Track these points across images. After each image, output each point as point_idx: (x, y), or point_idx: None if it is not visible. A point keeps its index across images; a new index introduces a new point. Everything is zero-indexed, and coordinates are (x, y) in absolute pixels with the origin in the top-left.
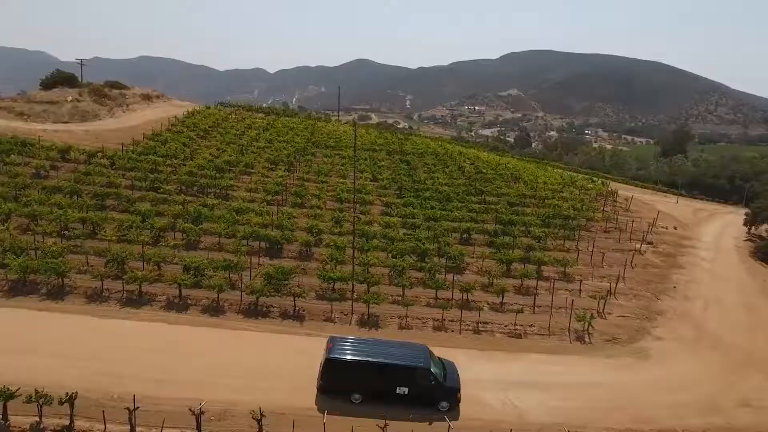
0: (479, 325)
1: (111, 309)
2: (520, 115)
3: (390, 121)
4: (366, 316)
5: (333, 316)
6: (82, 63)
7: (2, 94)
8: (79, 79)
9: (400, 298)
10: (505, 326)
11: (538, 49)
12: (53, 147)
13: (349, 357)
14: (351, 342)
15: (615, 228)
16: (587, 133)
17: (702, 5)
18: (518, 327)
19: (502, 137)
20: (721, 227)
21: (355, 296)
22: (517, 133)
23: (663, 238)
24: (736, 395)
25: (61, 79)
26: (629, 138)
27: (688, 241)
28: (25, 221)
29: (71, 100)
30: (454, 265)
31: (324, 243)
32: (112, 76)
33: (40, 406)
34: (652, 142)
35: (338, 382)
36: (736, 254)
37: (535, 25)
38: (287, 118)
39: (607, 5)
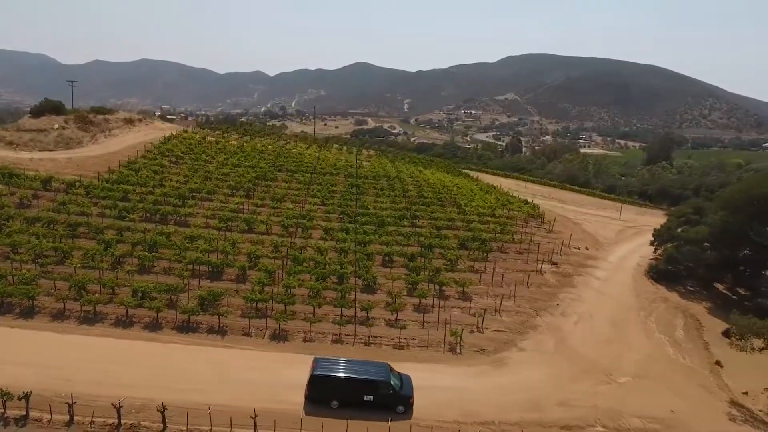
0: (370, 338)
1: (70, 326)
2: (516, 119)
3: (386, 126)
4: (277, 332)
5: (250, 331)
6: (72, 84)
7: (3, 95)
8: (69, 105)
9: (312, 316)
10: (392, 339)
11: (537, 52)
12: (36, 177)
13: (328, 373)
14: (330, 362)
15: (528, 250)
16: (581, 138)
17: (699, 8)
18: (403, 340)
19: (494, 142)
20: (636, 247)
21: (273, 314)
22: (509, 138)
23: (569, 259)
24: (560, 396)
25: (49, 107)
26: (622, 142)
27: (593, 261)
28: (7, 250)
29: (57, 128)
30: (367, 285)
31: (257, 267)
32: (111, 79)
33: (4, 401)
34: (644, 146)
35: (320, 393)
36: (632, 274)
37: (535, 28)
38: (261, 139)
39: (606, 8)
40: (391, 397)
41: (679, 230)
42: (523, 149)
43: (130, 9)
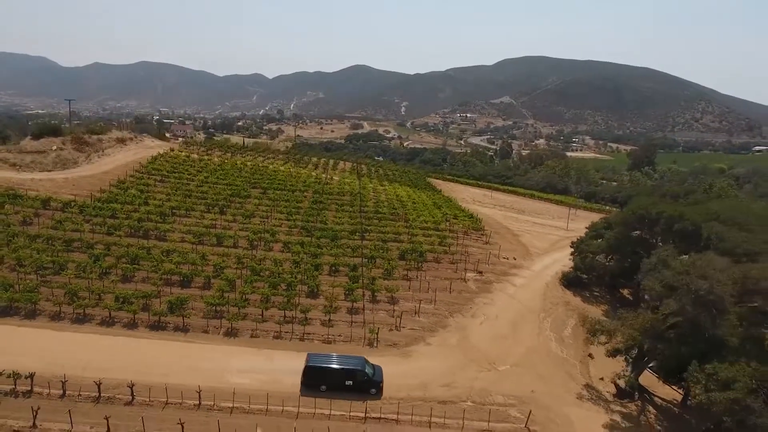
0: (305, 335)
1: (64, 325)
2: (511, 122)
3: (381, 130)
4: (230, 330)
5: (208, 329)
6: (70, 102)
7: (3, 98)
8: (68, 123)
9: (260, 317)
10: (323, 336)
11: (533, 55)
12: (37, 198)
13: (319, 365)
14: (320, 356)
15: (460, 260)
16: (575, 141)
17: (696, 9)
18: (331, 336)
19: (487, 145)
20: (563, 256)
21: (228, 316)
22: (503, 140)
23: (495, 268)
24: (445, 380)
25: (48, 129)
26: (614, 146)
27: (517, 270)
28: (13, 263)
29: (55, 149)
30: (311, 291)
31: (221, 277)
32: (111, 82)
33: (15, 380)
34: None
35: (313, 380)
36: (547, 281)
37: (533, 31)
38: (241, 156)
39: (604, 11)
40: (366, 382)
41: (585, 243)
42: (513, 154)
43: (130, 12)
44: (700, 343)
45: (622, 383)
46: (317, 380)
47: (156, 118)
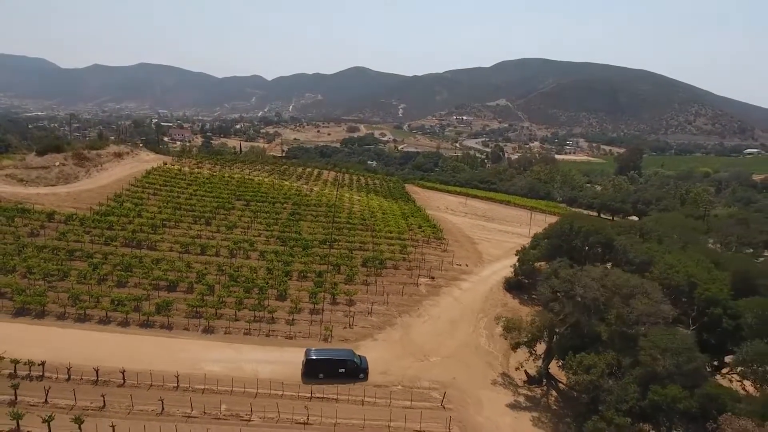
0: (270, 332)
1: (68, 324)
2: (506, 125)
3: (377, 133)
4: (208, 328)
5: (189, 327)
6: (71, 117)
7: (2, 100)
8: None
9: (234, 316)
10: (285, 333)
11: (531, 57)
12: (43, 211)
13: (316, 357)
14: (317, 350)
15: (416, 267)
16: (569, 144)
17: (692, 10)
18: (293, 333)
19: (482, 148)
20: (512, 263)
21: (206, 315)
22: (495, 144)
23: (447, 274)
24: (383, 368)
25: (51, 146)
26: (608, 148)
27: (467, 275)
28: (24, 270)
29: (58, 165)
30: (280, 295)
31: (202, 282)
32: (110, 83)
33: (30, 367)
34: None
35: (312, 370)
36: (492, 286)
37: (533, 32)
38: (229, 169)
39: (602, 13)
40: (355, 369)
41: (525, 252)
42: (504, 158)
43: (129, 13)
44: (583, 338)
45: (532, 371)
46: (315, 370)
47: (155, 121)
